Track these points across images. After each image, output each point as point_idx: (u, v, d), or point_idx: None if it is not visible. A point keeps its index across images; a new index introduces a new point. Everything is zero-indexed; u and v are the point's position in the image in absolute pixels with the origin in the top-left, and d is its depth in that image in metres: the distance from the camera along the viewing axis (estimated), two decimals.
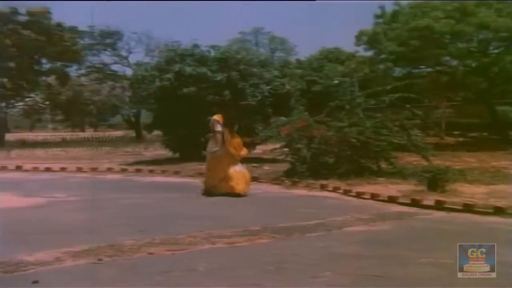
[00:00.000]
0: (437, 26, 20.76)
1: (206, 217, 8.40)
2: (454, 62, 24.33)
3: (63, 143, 33.28)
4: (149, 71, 19.93)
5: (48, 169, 16.24)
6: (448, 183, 10.22)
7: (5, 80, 34.17)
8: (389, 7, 25.09)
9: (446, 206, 8.74)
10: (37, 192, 11.15)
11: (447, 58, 24.17)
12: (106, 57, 41.51)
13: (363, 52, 27.23)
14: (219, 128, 10.87)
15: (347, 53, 32.23)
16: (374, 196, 9.92)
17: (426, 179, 10.36)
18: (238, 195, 10.45)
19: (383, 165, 12.89)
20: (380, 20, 25.33)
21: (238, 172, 10.84)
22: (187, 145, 17.82)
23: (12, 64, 33.11)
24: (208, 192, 10.78)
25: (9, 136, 35.23)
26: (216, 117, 11.00)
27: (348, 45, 29.74)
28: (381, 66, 24.56)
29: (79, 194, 10.95)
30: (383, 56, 24.53)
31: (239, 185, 10.68)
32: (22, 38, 31.84)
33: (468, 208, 8.51)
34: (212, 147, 11.03)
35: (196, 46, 19.90)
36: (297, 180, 12.09)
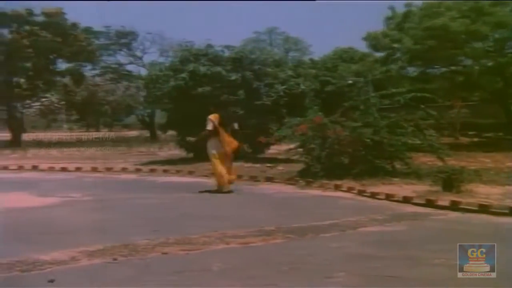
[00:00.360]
0: (453, 25, 20.63)
1: (220, 217, 8.42)
2: (469, 62, 24.15)
3: (78, 143, 33.50)
4: (164, 71, 20.00)
5: (63, 169, 16.37)
6: (463, 184, 10.15)
7: (22, 80, 34.52)
8: (399, 8, 25.12)
9: (461, 206, 8.69)
10: (53, 192, 11.24)
11: (462, 58, 24.01)
12: (121, 57, 41.72)
13: (377, 51, 27.19)
14: (208, 127, 11.29)
15: (361, 52, 32.10)
16: (388, 197, 9.89)
17: (441, 180, 10.29)
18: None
19: (398, 165, 12.83)
20: (391, 21, 25.27)
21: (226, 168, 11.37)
22: (201, 145, 17.84)
23: (28, 65, 33.43)
24: (222, 189, 11.12)
25: (25, 136, 35.53)
26: (212, 116, 11.35)
27: (362, 44, 29.66)
28: (394, 66, 24.45)
29: (93, 194, 11.04)
30: (397, 55, 24.44)
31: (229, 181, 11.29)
32: (39, 39, 32.12)
33: (483, 208, 8.45)
34: (210, 147, 11.43)
35: (210, 46, 19.91)
36: (311, 180, 12.07)
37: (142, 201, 10.16)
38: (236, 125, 11.76)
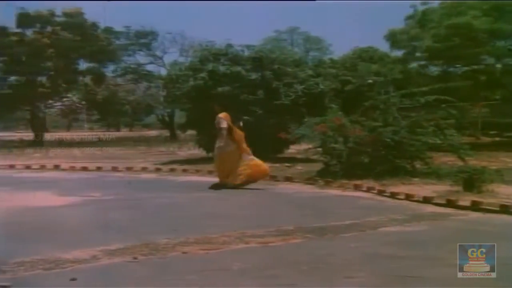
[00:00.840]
0: (476, 23, 20.49)
1: (239, 217, 8.45)
2: (491, 61, 23.96)
3: (99, 142, 33.73)
4: (183, 71, 20.08)
5: (84, 168, 16.49)
6: (484, 184, 10.06)
7: (44, 80, 34.97)
8: (421, 7, 25.00)
9: (483, 207, 8.62)
10: (74, 191, 11.33)
11: (485, 56, 23.82)
12: (141, 57, 41.89)
13: (397, 51, 27.08)
14: (224, 124, 11.58)
15: (381, 52, 31.94)
16: (408, 197, 9.83)
17: (462, 180, 10.22)
18: (237, 186, 11.41)
19: (418, 165, 12.75)
20: (411, 20, 25.17)
21: (245, 164, 11.58)
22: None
23: (50, 64, 33.82)
24: (221, 185, 11.57)
25: (48, 136, 35.90)
26: (222, 115, 11.69)
27: (383, 44, 29.52)
28: (414, 65, 24.33)
29: (114, 193, 11.11)
30: (417, 54, 24.33)
31: (240, 176, 11.52)
32: (60, 38, 32.51)
33: (504, 209, 8.37)
34: (218, 143, 11.74)
35: (230, 45, 19.96)
36: (330, 180, 12.04)
37: (162, 201, 10.21)
38: (241, 123, 12.01)
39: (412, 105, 13.58)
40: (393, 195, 10.15)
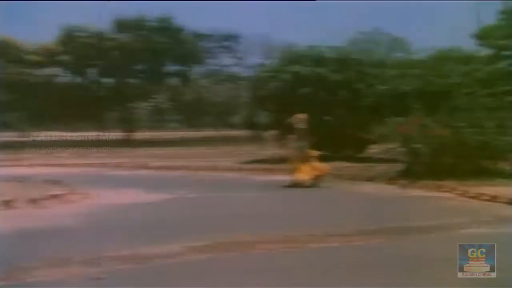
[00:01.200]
0: None
1: (321, 215, 8.58)
2: None
3: (185, 142, 34.48)
4: (266, 72, 20.33)
5: (170, 167, 16.99)
6: None
7: (135, 82, 36.39)
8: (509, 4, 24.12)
9: None
10: (162, 189, 11.71)
11: None
12: (225, 60, 42.49)
13: (483, 50, 26.23)
14: (299, 125, 12.08)
15: (468, 52, 31.02)
16: (493, 198, 9.62)
17: None
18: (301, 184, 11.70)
19: (505, 166, 12.40)
20: (503, 16, 24.32)
21: (311, 164, 12.01)
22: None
23: (140, 67, 35.21)
24: (295, 184, 11.83)
25: (136, 135, 37.07)
26: (299, 115, 12.21)
27: (469, 44, 28.63)
28: (504, 64, 23.51)
29: (199, 191, 11.48)
30: (506, 53, 23.51)
31: (307, 175, 11.90)
32: (151, 42, 33.77)
33: None
34: (293, 143, 12.23)
35: (313, 46, 20.04)
36: (412, 180, 11.93)
37: (244, 199, 10.46)
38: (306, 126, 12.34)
39: (499, 105, 13.24)
40: (477, 196, 9.95)
